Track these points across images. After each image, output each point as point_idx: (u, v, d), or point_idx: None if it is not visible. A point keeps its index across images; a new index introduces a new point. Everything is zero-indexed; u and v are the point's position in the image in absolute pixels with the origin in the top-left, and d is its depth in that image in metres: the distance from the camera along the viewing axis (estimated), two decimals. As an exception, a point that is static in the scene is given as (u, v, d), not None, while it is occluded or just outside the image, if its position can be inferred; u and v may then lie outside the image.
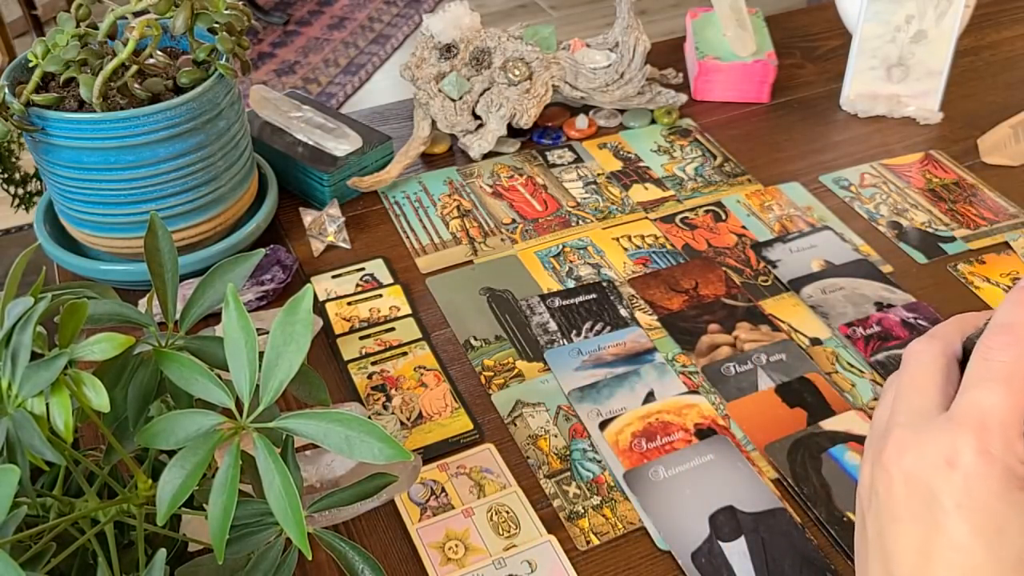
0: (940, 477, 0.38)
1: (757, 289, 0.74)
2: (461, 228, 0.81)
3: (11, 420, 0.40)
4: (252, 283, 0.72)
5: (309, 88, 2.81)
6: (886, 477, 0.41)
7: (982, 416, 0.38)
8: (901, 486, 0.40)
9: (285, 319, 0.43)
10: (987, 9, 1.15)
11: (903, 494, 0.40)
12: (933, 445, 0.39)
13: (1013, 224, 0.80)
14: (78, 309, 0.43)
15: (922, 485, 0.39)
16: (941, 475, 0.38)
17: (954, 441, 0.38)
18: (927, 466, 0.39)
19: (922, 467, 0.39)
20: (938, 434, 0.39)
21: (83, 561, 0.46)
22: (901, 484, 0.40)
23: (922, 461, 0.39)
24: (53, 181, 0.70)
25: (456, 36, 0.88)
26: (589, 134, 0.93)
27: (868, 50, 0.93)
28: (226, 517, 0.40)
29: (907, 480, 0.40)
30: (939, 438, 0.39)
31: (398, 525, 0.57)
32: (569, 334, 0.70)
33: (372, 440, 0.41)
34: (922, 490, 0.39)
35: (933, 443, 0.39)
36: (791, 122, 0.96)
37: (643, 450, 0.61)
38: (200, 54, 0.69)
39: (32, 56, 0.66)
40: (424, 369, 0.68)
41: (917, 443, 0.40)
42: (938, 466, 0.38)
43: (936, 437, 0.39)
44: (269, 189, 0.80)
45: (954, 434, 0.38)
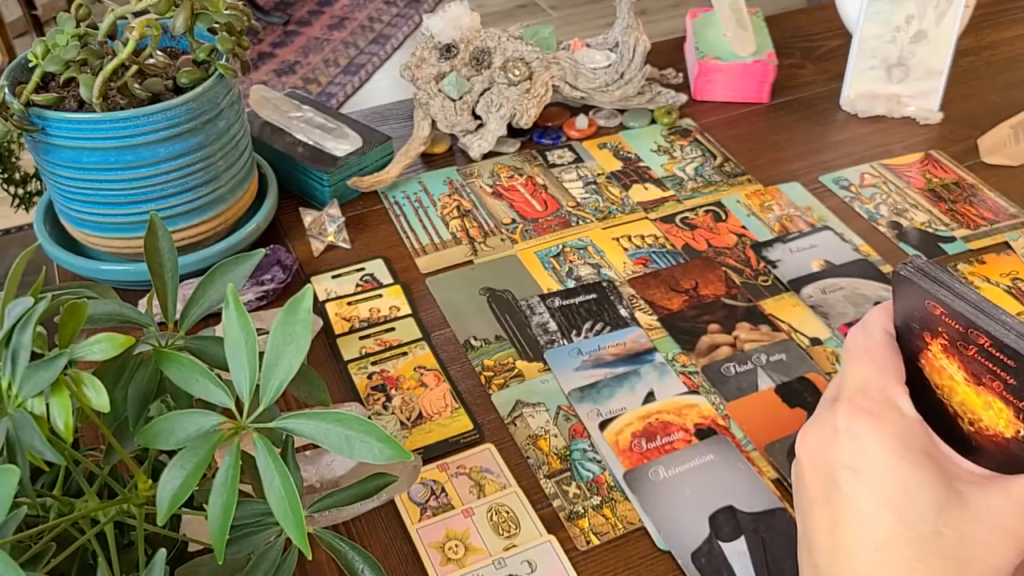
0: (832, 447, 0.40)
1: (757, 289, 0.74)
2: (461, 228, 0.81)
3: (11, 420, 0.40)
4: (252, 283, 0.72)
5: (309, 88, 2.81)
6: (798, 468, 0.42)
7: (854, 386, 0.40)
8: (809, 469, 0.41)
9: (285, 319, 0.43)
10: (987, 9, 1.15)
11: (811, 476, 0.41)
12: (825, 422, 0.41)
13: (1013, 224, 0.80)
14: (78, 309, 0.43)
15: (821, 462, 0.40)
16: (832, 445, 0.40)
17: (835, 412, 0.40)
18: (822, 441, 0.40)
19: (819, 444, 0.40)
20: (827, 413, 0.41)
21: (83, 561, 0.46)
22: (808, 467, 0.41)
23: (819, 439, 0.40)
24: (53, 181, 0.70)
25: (456, 36, 0.88)
26: (589, 134, 0.93)
27: (868, 50, 0.93)
28: (226, 517, 0.40)
29: (812, 462, 0.41)
30: (827, 416, 0.40)
31: (398, 525, 0.57)
32: (569, 334, 0.70)
33: (372, 440, 0.41)
34: (823, 466, 0.40)
35: (824, 421, 0.41)
36: (791, 122, 0.96)
37: (643, 450, 0.61)
38: (200, 54, 0.69)
39: (32, 56, 0.66)
40: (424, 369, 0.68)
41: (815, 424, 0.41)
42: (830, 438, 0.40)
43: (825, 416, 0.41)
44: (269, 189, 0.80)
45: (836, 407, 0.40)
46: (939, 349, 0.39)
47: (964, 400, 0.39)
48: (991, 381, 0.37)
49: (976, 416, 0.39)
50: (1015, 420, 0.37)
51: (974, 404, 0.39)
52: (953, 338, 0.38)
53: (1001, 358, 0.36)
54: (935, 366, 0.40)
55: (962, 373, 0.39)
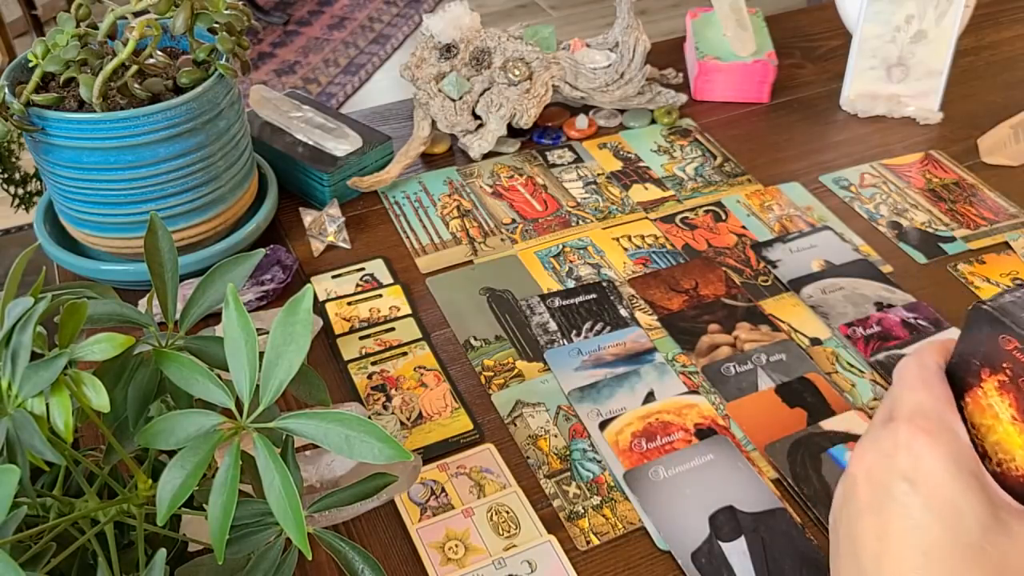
0: (890, 460, 0.42)
1: (757, 289, 0.74)
2: (461, 228, 0.81)
3: (11, 420, 0.40)
4: (252, 283, 0.72)
5: (309, 88, 2.81)
6: (850, 480, 0.44)
7: (912, 408, 0.43)
8: (864, 483, 0.43)
9: (285, 319, 0.43)
10: (987, 9, 1.15)
11: (865, 490, 0.43)
12: (883, 439, 0.43)
13: (1013, 224, 0.80)
14: (78, 309, 0.43)
15: (878, 475, 0.43)
16: (891, 459, 0.42)
17: (896, 430, 0.43)
18: (880, 457, 0.43)
19: (876, 459, 0.43)
20: (883, 431, 0.43)
21: (83, 561, 0.46)
22: (864, 481, 0.43)
23: (876, 455, 0.43)
24: (53, 181, 0.70)
25: (456, 36, 0.88)
26: (589, 134, 0.93)
27: (868, 50, 0.93)
28: (226, 517, 0.40)
29: (868, 476, 0.43)
30: (885, 433, 0.43)
31: (398, 525, 0.57)
32: (569, 334, 0.70)
33: (372, 440, 0.41)
34: (879, 479, 0.43)
35: (882, 438, 0.43)
36: (791, 122, 0.96)
37: (643, 450, 0.61)
38: (200, 54, 0.69)
39: (32, 56, 0.66)
40: (424, 369, 0.68)
41: (872, 443, 0.44)
42: (888, 454, 0.42)
43: (882, 434, 0.43)
44: (269, 189, 0.80)
45: (895, 426, 0.43)
46: (994, 386, 0.42)
47: (1001, 440, 0.42)
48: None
49: (1009, 456, 0.42)
50: None
51: (1012, 444, 0.41)
52: (1016, 374, 0.40)
53: None
54: (981, 404, 0.43)
55: (1011, 411, 0.41)
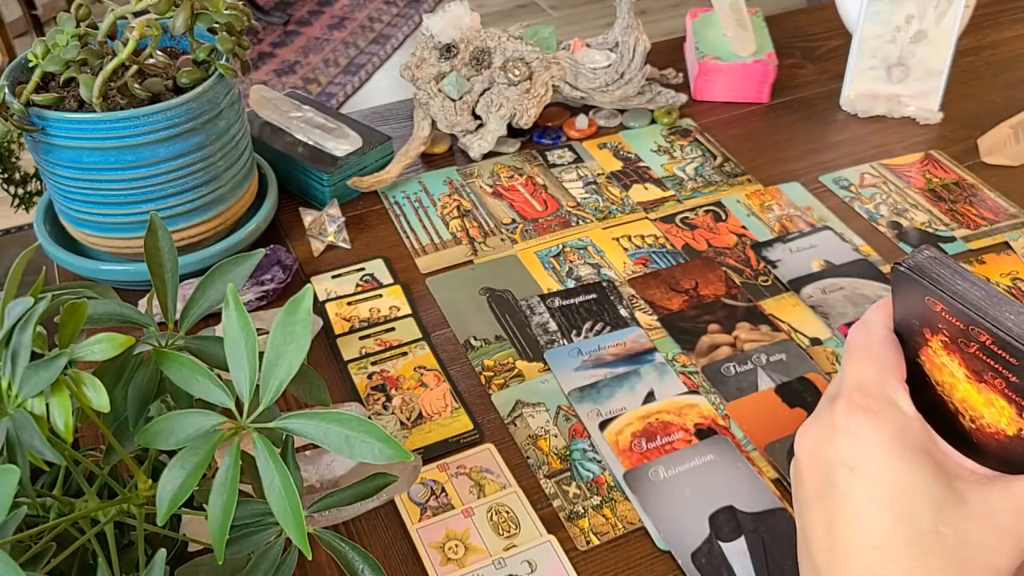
0: (829, 445, 0.39)
1: (757, 289, 0.74)
2: (461, 228, 0.81)
3: (11, 420, 0.40)
4: (252, 283, 0.72)
5: (309, 88, 2.81)
6: (796, 464, 0.42)
7: (853, 384, 0.40)
8: (807, 468, 0.41)
9: (285, 319, 0.43)
10: (987, 9, 1.15)
11: (808, 474, 0.41)
12: (823, 420, 0.40)
13: (1013, 224, 0.80)
14: (78, 309, 0.43)
15: (819, 460, 0.40)
16: (830, 443, 0.39)
17: (834, 410, 0.40)
18: (820, 440, 0.40)
19: (817, 442, 0.40)
20: (826, 411, 0.40)
21: (83, 561, 0.46)
22: (806, 465, 0.41)
23: (817, 437, 0.40)
24: (53, 181, 0.70)
25: (456, 36, 0.88)
26: (589, 134, 0.93)
27: (868, 50, 0.93)
28: (226, 517, 0.40)
29: (809, 459, 0.41)
30: (826, 414, 0.40)
31: (398, 525, 0.57)
32: (569, 334, 0.70)
33: (372, 440, 0.41)
34: (820, 464, 0.40)
35: (823, 419, 0.40)
36: (791, 122, 0.96)
37: (643, 450, 0.61)
38: (200, 54, 0.69)
39: (32, 56, 0.66)
40: (424, 369, 0.68)
41: (813, 422, 0.41)
42: (827, 436, 0.39)
43: (824, 414, 0.40)
44: (269, 189, 0.80)
45: (834, 405, 0.40)
46: (939, 346, 0.39)
47: (965, 397, 0.39)
48: (993, 379, 0.37)
49: (977, 414, 0.39)
50: (1017, 418, 0.37)
51: (975, 401, 0.38)
52: (954, 335, 0.38)
53: (1003, 356, 0.36)
54: (935, 363, 0.40)
55: (963, 370, 0.38)
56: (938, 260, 0.38)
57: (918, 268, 0.38)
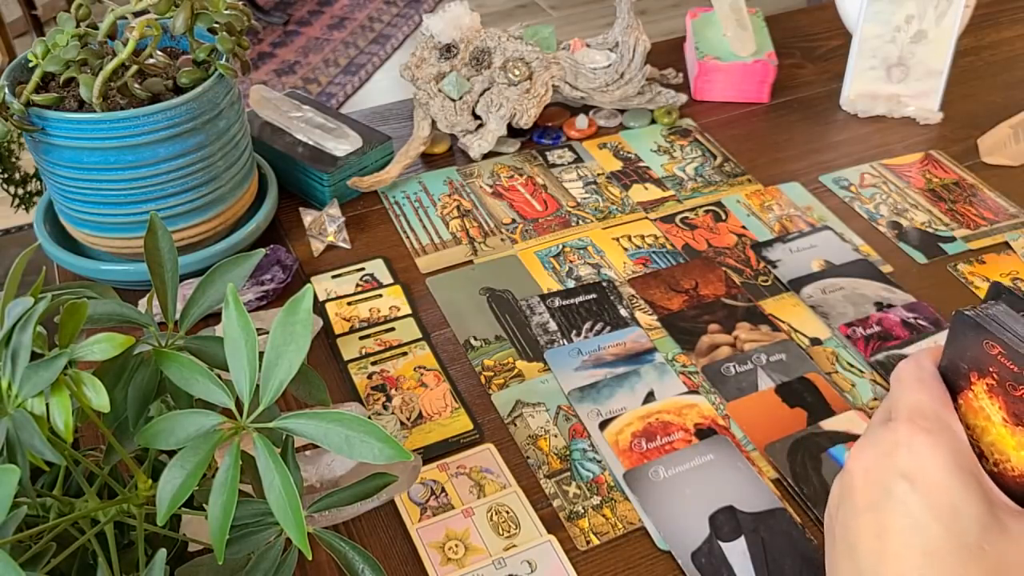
0: (890, 460, 0.42)
1: (757, 289, 0.74)
2: (461, 228, 0.81)
3: (11, 420, 0.40)
4: (252, 283, 0.72)
5: (309, 88, 2.81)
6: (848, 479, 0.44)
7: (910, 408, 0.43)
8: (861, 482, 0.43)
9: (285, 319, 0.43)
10: (987, 9, 1.15)
11: (862, 487, 0.43)
12: (882, 438, 0.43)
13: (1013, 224, 0.80)
14: (78, 309, 0.43)
15: (877, 473, 0.43)
16: (890, 458, 0.42)
17: (896, 430, 0.43)
18: (879, 455, 0.43)
19: (876, 457, 0.43)
20: (882, 431, 0.44)
21: (83, 561, 0.46)
22: (861, 480, 0.43)
23: (875, 453, 0.43)
24: (53, 181, 0.70)
25: (456, 36, 0.88)
26: (589, 134, 0.93)
27: (868, 50, 0.93)
28: (226, 517, 0.40)
29: (866, 474, 0.43)
30: (884, 433, 0.43)
31: (398, 525, 0.57)
32: (569, 334, 0.70)
33: (372, 440, 0.41)
34: (877, 477, 0.43)
35: (881, 437, 0.43)
36: (791, 122, 0.96)
37: (643, 450, 0.61)
38: (200, 54, 0.69)
39: (32, 56, 0.66)
40: (424, 369, 0.68)
41: (870, 442, 0.44)
42: (888, 452, 0.42)
43: (883, 434, 0.43)
44: (269, 189, 0.80)
45: (895, 425, 0.43)
46: (983, 389, 0.42)
47: (995, 440, 0.42)
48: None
49: (1004, 457, 0.42)
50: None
51: (1005, 445, 0.42)
52: (1004, 378, 0.41)
53: None
54: (973, 406, 0.43)
55: (1002, 414, 0.41)
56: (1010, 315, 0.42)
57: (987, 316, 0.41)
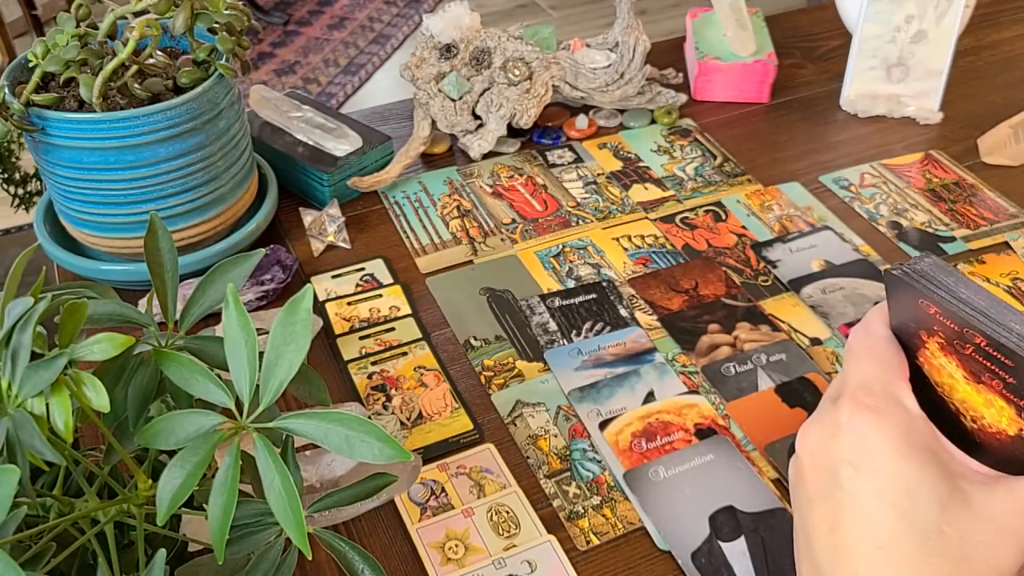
0: (834, 443, 0.39)
1: (757, 289, 0.74)
2: (461, 228, 0.81)
3: (11, 420, 0.40)
4: (252, 283, 0.72)
5: (309, 88, 2.81)
6: (797, 464, 0.41)
7: (857, 383, 0.40)
8: (809, 466, 0.40)
9: (285, 319, 0.43)
10: (987, 9, 1.15)
11: (811, 473, 0.40)
12: (826, 419, 0.40)
13: (1013, 224, 0.80)
14: (78, 309, 0.43)
15: (823, 458, 0.40)
16: (834, 441, 0.39)
17: (838, 408, 0.40)
18: (824, 437, 0.40)
19: (820, 441, 0.40)
20: (829, 410, 0.40)
21: (83, 561, 0.46)
22: (809, 464, 0.41)
23: (820, 435, 0.40)
24: (53, 181, 0.70)
25: (456, 36, 0.88)
26: (589, 134, 0.93)
27: (868, 50, 0.93)
28: (226, 517, 0.40)
29: (812, 458, 0.40)
30: (829, 412, 0.40)
31: (398, 525, 0.57)
32: (569, 334, 0.70)
33: (372, 440, 0.41)
34: (824, 463, 0.40)
35: (826, 417, 0.40)
36: (791, 122, 0.96)
37: (643, 450, 0.61)
38: (200, 54, 0.69)
39: (32, 56, 0.66)
40: (424, 369, 0.68)
41: (816, 421, 0.41)
42: (831, 434, 0.39)
43: (827, 412, 0.40)
44: (269, 189, 0.80)
45: (838, 403, 0.40)
46: (936, 348, 0.39)
47: (965, 398, 0.39)
48: (990, 379, 0.37)
49: (978, 414, 0.39)
50: (1017, 418, 0.37)
51: (975, 402, 0.38)
52: (949, 337, 0.38)
53: (999, 357, 0.36)
54: (934, 364, 0.40)
55: (961, 371, 0.38)
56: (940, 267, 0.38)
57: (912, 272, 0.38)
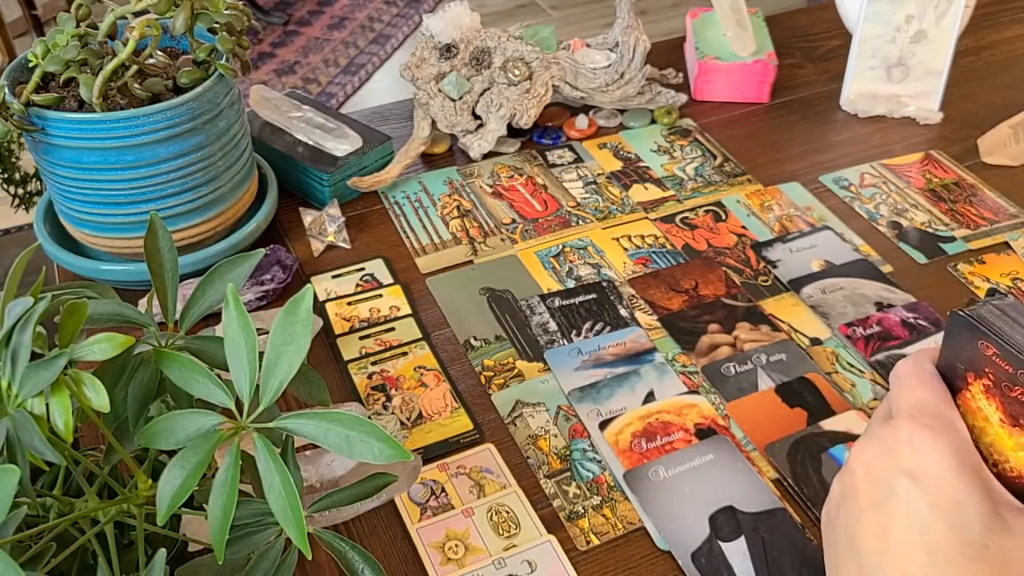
0: (893, 457, 0.42)
1: (757, 289, 0.74)
2: (461, 228, 0.81)
3: (11, 420, 0.40)
4: (252, 283, 0.72)
5: (309, 88, 2.81)
6: (849, 477, 0.44)
7: (912, 404, 0.43)
8: (864, 480, 0.43)
9: (285, 319, 0.43)
10: (987, 9, 1.15)
11: (865, 486, 0.43)
12: (883, 436, 0.43)
13: (1013, 224, 0.80)
14: (78, 309, 0.43)
15: (879, 471, 0.42)
16: (893, 455, 0.42)
17: (898, 427, 0.42)
18: (881, 453, 0.42)
19: (878, 455, 0.43)
20: (884, 429, 0.43)
21: (83, 561, 0.46)
22: (863, 478, 0.43)
23: (876, 452, 0.43)
24: (53, 181, 0.70)
25: (456, 36, 0.88)
26: (589, 134, 0.93)
27: (868, 50, 0.93)
28: (226, 517, 0.40)
29: (867, 472, 0.43)
30: (885, 430, 0.43)
31: (398, 525, 0.57)
32: (569, 334, 0.70)
33: (372, 440, 0.41)
34: (880, 476, 0.42)
35: (883, 435, 0.43)
36: (791, 122, 0.96)
37: (643, 450, 0.61)
38: (200, 54, 0.69)
39: (32, 56, 0.66)
40: (424, 369, 0.68)
41: (872, 439, 0.44)
42: (890, 450, 0.42)
43: (883, 431, 0.43)
44: (269, 189, 0.80)
45: (897, 423, 0.43)
46: (980, 390, 0.42)
47: (994, 441, 0.42)
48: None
49: (1003, 457, 0.41)
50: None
51: (1004, 445, 0.41)
52: (999, 379, 0.40)
53: None
54: (971, 407, 0.43)
55: (999, 414, 0.41)
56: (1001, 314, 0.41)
57: (979, 317, 0.41)
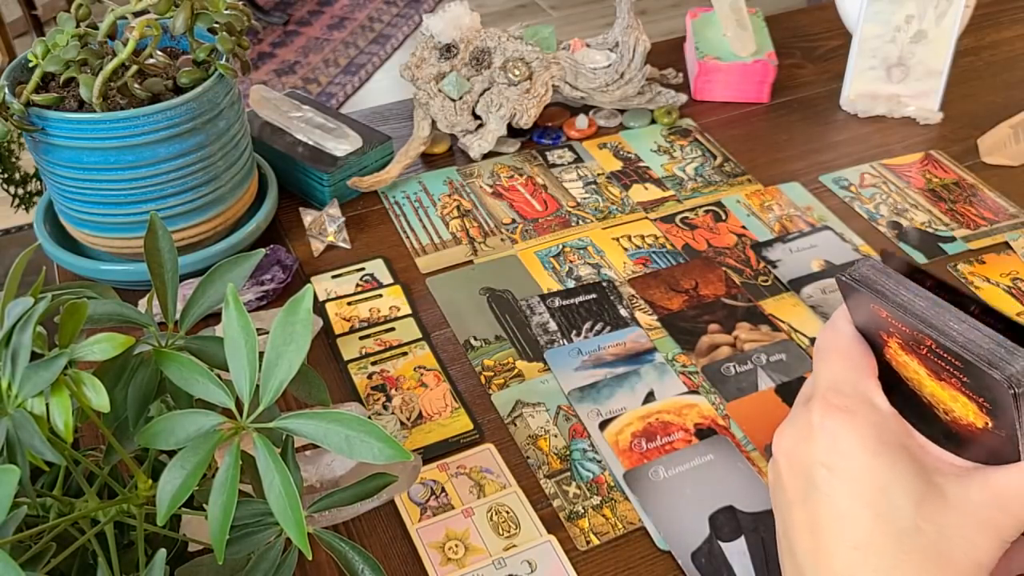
0: (807, 445, 0.39)
1: (757, 289, 0.74)
2: (461, 228, 0.81)
3: (11, 420, 0.40)
4: (252, 283, 0.72)
5: (309, 88, 2.81)
6: (775, 468, 0.42)
7: (826, 384, 0.40)
8: (786, 469, 0.41)
9: (285, 319, 0.43)
10: (987, 9, 1.15)
11: (789, 477, 0.41)
12: (799, 421, 0.40)
13: (1013, 224, 0.80)
14: (78, 309, 0.43)
15: (797, 461, 0.40)
16: (807, 443, 0.39)
17: (809, 410, 0.40)
18: (798, 440, 0.40)
19: (794, 443, 0.40)
20: (801, 412, 0.41)
21: (83, 561, 0.46)
22: (786, 468, 0.41)
23: (794, 438, 0.40)
24: (53, 181, 0.70)
25: (456, 36, 0.88)
26: (589, 134, 0.93)
27: (868, 50, 0.93)
28: (226, 517, 0.40)
29: (788, 461, 0.41)
30: (802, 414, 0.40)
31: (398, 525, 0.57)
32: (569, 334, 0.70)
33: (372, 440, 0.41)
34: (799, 466, 0.40)
35: (799, 420, 0.40)
36: (791, 122, 0.96)
37: (643, 450, 0.61)
38: (200, 54, 0.69)
39: (32, 56, 0.66)
40: (424, 369, 0.68)
41: (790, 424, 0.41)
42: (805, 436, 0.40)
43: (800, 414, 0.41)
44: (269, 189, 0.80)
45: (810, 405, 0.40)
46: (897, 347, 0.39)
47: (933, 392, 0.39)
48: (949, 377, 0.37)
49: (947, 407, 0.39)
50: (981, 413, 0.37)
51: (942, 397, 0.38)
52: (905, 339, 0.38)
53: (949, 358, 0.36)
54: (899, 361, 0.40)
55: (923, 369, 0.38)
56: (881, 271, 0.38)
57: (861, 279, 0.38)
